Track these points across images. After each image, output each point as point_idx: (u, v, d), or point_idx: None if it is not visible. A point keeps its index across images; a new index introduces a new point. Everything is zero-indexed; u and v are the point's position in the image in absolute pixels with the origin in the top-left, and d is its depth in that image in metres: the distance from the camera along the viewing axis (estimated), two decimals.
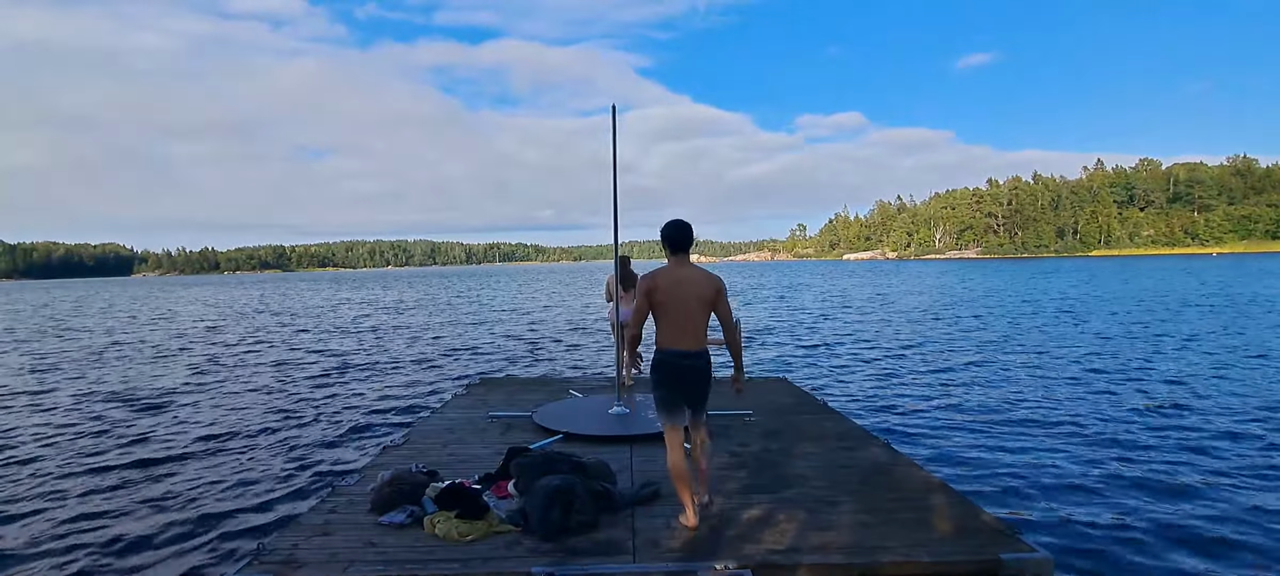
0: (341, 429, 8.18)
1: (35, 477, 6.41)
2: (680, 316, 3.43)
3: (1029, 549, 3.10)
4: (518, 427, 5.49)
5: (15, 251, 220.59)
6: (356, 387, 11.05)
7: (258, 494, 5.88)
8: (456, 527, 3.30)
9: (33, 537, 4.97)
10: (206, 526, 5.16)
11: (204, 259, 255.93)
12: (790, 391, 7.02)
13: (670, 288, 3.42)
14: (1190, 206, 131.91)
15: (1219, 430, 7.35)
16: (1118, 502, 5.32)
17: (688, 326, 3.43)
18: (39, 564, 4.55)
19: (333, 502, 3.81)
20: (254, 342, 18.64)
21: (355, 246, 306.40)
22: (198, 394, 10.77)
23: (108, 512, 5.45)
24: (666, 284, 3.43)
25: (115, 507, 5.57)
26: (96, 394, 10.94)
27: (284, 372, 12.89)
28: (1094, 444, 6.97)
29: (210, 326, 24.47)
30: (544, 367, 13.06)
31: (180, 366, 14.12)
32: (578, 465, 3.83)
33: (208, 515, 5.39)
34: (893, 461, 4.54)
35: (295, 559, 3.08)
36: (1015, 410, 8.57)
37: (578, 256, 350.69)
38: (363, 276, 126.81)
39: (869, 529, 3.39)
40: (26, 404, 10.28)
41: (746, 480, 4.19)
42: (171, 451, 7.28)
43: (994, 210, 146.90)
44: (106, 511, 5.48)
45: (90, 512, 5.45)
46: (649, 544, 3.24)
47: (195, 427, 8.37)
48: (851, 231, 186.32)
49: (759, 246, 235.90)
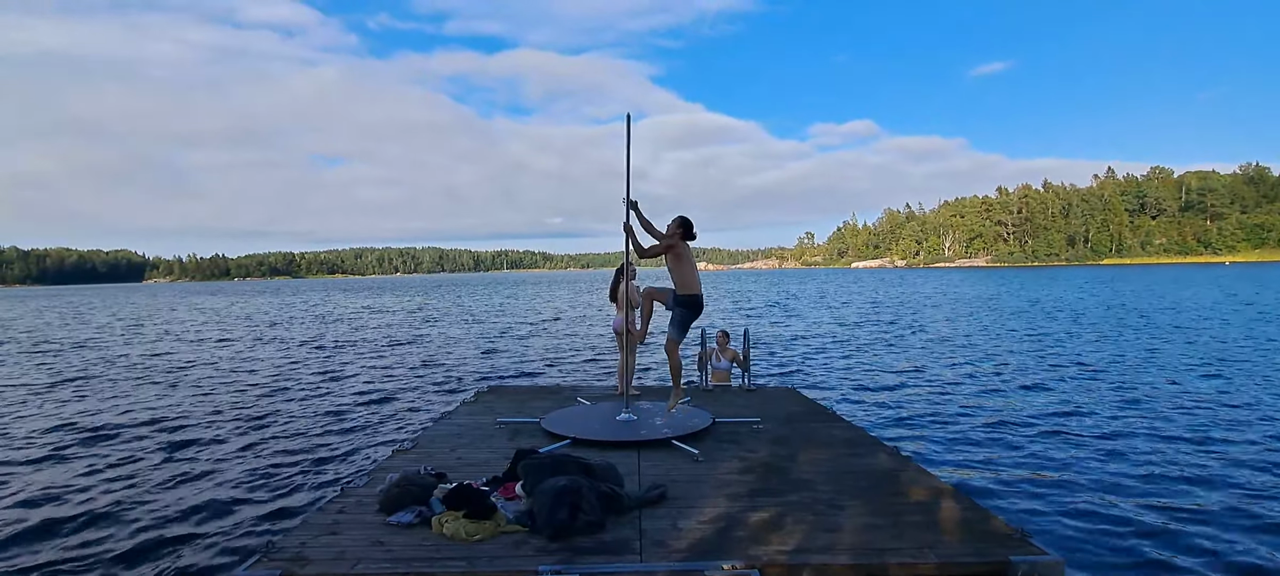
0: (350, 433, 8.22)
1: (48, 477, 6.48)
2: (695, 270, 5.20)
3: (1039, 551, 3.07)
4: (525, 433, 5.50)
5: (29, 258, 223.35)
6: (365, 393, 11.11)
7: (267, 493, 5.93)
8: (464, 527, 3.31)
9: (44, 536, 5.03)
10: (216, 524, 5.20)
11: (214, 265, 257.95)
12: (798, 399, 6.99)
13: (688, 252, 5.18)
14: (1203, 214, 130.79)
15: (1233, 436, 7.27)
16: (1129, 506, 5.27)
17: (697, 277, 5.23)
18: (51, 562, 4.60)
19: (341, 502, 3.83)
20: (264, 348, 18.76)
21: (364, 254, 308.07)
22: (208, 397, 10.85)
23: (119, 511, 5.51)
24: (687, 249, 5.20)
25: (126, 505, 5.62)
26: (108, 395, 11.05)
27: (295, 377, 12.98)
28: (1105, 448, 6.91)
29: (220, 331, 24.65)
30: (551, 375, 13.08)
31: (192, 370, 14.23)
32: (585, 467, 3.84)
33: (217, 513, 5.44)
34: (901, 466, 4.52)
35: (304, 557, 3.10)
36: (1025, 415, 8.51)
37: (585, 264, 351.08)
38: (369, 284, 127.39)
39: (877, 531, 3.37)
40: (38, 407, 10.39)
41: (754, 484, 4.18)
42: (182, 451, 7.35)
43: (1004, 218, 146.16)
44: (118, 509, 5.53)
45: (102, 511, 5.50)
46: (655, 544, 3.24)
47: (207, 429, 8.44)
48: (860, 239, 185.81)
49: (767, 254, 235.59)
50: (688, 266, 5.17)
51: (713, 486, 4.08)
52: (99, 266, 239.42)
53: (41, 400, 10.97)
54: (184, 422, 8.93)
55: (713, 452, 4.79)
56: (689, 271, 5.17)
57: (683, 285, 5.19)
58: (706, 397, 6.85)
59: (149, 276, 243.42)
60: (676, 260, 5.14)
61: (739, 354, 7.67)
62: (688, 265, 5.17)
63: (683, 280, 5.18)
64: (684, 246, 5.15)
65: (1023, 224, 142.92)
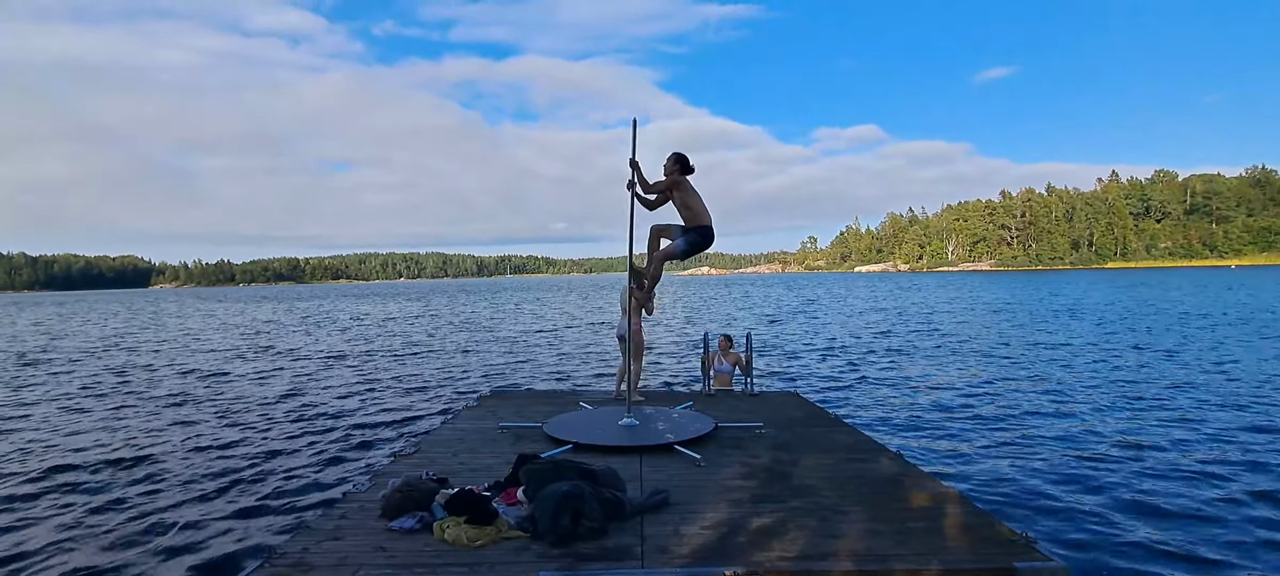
0: (351, 438, 8.23)
1: (49, 482, 6.50)
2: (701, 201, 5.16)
3: (1044, 558, 3.05)
4: (528, 438, 5.49)
5: (37, 263, 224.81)
6: (367, 398, 11.12)
7: (268, 499, 5.93)
8: (466, 533, 3.31)
9: (45, 542, 5.03)
10: (217, 530, 5.20)
11: (220, 270, 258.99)
12: (800, 404, 6.97)
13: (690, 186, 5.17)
14: (1208, 218, 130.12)
15: (1242, 444, 7.22)
16: (1136, 512, 5.24)
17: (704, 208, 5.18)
18: (51, 567, 4.61)
19: (343, 508, 3.83)
20: (265, 354, 18.81)
21: (368, 259, 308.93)
22: (211, 401, 10.88)
23: (121, 517, 5.51)
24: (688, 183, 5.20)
25: (128, 511, 5.63)
26: (112, 399, 11.08)
27: (295, 382, 13.00)
28: (1112, 452, 6.86)
29: (225, 337, 24.73)
30: (554, 381, 13.07)
31: (195, 374, 14.27)
32: (587, 472, 3.83)
33: (218, 519, 5.44)
34: (904, 472, 4.50)
35: (305, 562, 3.09)
36: (1030, 419, 8.46)
37: (588, 269, 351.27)
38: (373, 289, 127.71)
39: (880, 537, 3.35)
40: (44, 412, 10.42)
41: (756, 489, 4.16)
42: (184, 456, 7.36)
43: (1007, 222, 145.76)
44: (120, 515, 5.54)
45: (103, 517, 5.51)
46: (658, 550, 3.23)
47: (207, 434, 8.45)
48: (863, 244, 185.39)
49: (770, 258, 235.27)
50: (694, 199, 5.14)
51: (715, 492, 4.07)
52: (106, 272, 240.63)
53: (43, 405, 11.01)
54: (185, 429, 8.95)
55: (715, 458, 4.78)
56: (696, 203, 5.13)
57: (691, 219, 5.16)
58: (708, 402, 6.83)
59: (155, 282, 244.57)
60: (683, 197, 5.13)
61: (742, 357, 7.68)
62: (694, 197, 5.14)
63: (691, 215, 5.15)
64: (685, 181, 5.14)
65: (1026, 227, 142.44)
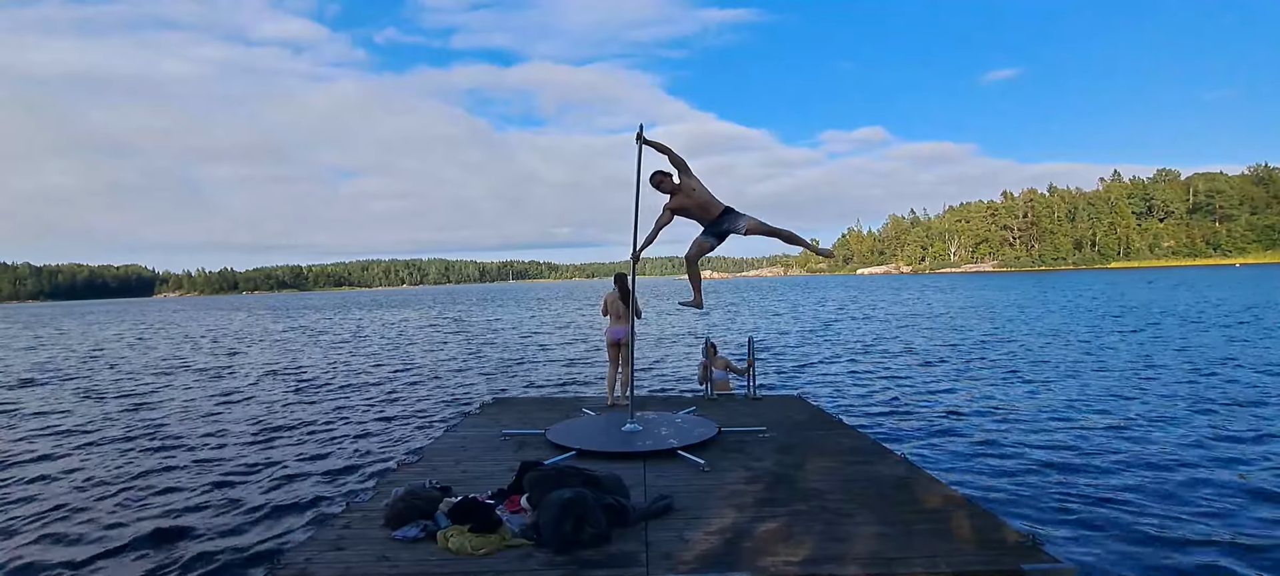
0: (354, 446, 8.22)
1: (56, 490, 6.50)
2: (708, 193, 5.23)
3: (1052, 559, 3.03)
4: (531, 445, 5.48)
5: (41, 273, 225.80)
6: (370, 407, 11.12)
7: (272, 508, 5.92)
8: (469, 541, 3.29)
9: (50, 549, 5.03)
10: (221, 539, 5.19)
11: (223, 279, 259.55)
12: (804, 408, 6.95)
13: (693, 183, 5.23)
14: (1211, 216, 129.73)
15: (1252, 443, 7.17)
16: (1144, 514, 5.20)
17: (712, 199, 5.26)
18: (52, 568, 4.61)
19: (346, 517, 3.82)
20: (267, 364, 18.83)
21: (370, 265, 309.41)
22: (215, 411, 10.89)
23: (124, 526, 5.51)
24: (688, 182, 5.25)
25: (131, 522, 5.63)
26: (115, 409, 11.09)
27: (298, 391, 13.01)
28: (1119, 454, 6.83)
29: (229, 346, 24.76)
30: (556, 387, 13.06)
31: (198, 385, 14.28)
32: (590, 479, 3.82)
33: (222, 528, 5.43)
34: (910, 475, 4.47)
35: (309, 572, 3.08)
36: (1036, 421, 8.42)
37: (591, 274, 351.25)
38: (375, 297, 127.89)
39: (886, 540, 3.33)
40: (48, 420, 10.44)
41: (761, 493, 4.14)
42: (189, 467, 7.36)
43: (1010, 223, 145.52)
44: (123, 525, 5.53)
45: (107, 526, 5.51)
46: (662, 556, 3.21)
47: (212, 444, 8.45)
48: (865, 246, 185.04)
49: (772, 262, 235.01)
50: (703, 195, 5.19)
51: (719, 497, 4.05)
52: (110, 281, 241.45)
53: (45, 410, 11.02)
54: (188, 437, 8.95)
55: (719, 463, 4.76)
56: (704, 195, 5.19)
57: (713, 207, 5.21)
58: (711, 407, 6.82)
59: (159, 291, 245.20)
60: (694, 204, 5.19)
61: (731, 361, 7.93)
62: (701, 193, 5.19)
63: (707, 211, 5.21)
64: (687, 183, 5.18)
65: (1029, 228, 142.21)
